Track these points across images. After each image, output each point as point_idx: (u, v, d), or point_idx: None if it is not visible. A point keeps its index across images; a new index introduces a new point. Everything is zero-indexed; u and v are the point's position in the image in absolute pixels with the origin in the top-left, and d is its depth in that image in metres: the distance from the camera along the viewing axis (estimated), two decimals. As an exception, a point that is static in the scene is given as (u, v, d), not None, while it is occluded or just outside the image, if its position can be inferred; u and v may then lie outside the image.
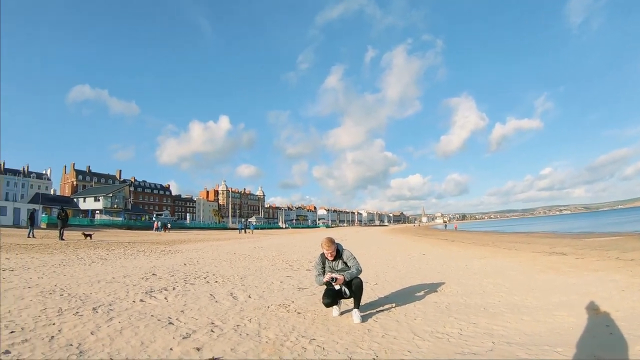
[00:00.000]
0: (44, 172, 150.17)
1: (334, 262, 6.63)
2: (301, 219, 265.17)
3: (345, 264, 6.59)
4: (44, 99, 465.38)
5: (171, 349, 4.88)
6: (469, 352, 4.77)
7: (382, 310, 7.14)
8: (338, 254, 6.60)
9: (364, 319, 6.43)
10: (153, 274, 11.68)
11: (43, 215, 62.61)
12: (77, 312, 6.60)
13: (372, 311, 7.09)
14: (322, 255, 6.72)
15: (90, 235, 32.06)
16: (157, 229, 76.57)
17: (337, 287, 6.46)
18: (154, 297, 8.23)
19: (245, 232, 76.64)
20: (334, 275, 6.38)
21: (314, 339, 5.38)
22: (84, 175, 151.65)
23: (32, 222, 32.67)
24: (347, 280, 6.43)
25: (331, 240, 6.51)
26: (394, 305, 7.57)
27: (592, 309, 6.77)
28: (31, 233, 31.02)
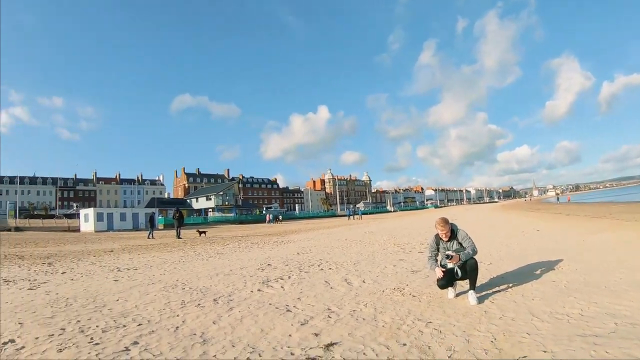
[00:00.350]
0: (157, 178, 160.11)
1: (448, 243, 6.50)
2: (409, 201, 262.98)
3: (460, 244, 6.45)
4: (150, 111, 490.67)
5: (290, 335, 5.04)
6: (591, 334, 4.54)
7: (499, 291, 6.93)
8: (453, 234, 6.46)
9: (480, 300, 6.28)
10: (268, 265, 12.04)
11: (160, 217, 66.05)
12: (199, 304, 6.99)
13: (488, 292, 6.92)
14: (436, 236, 6.60)
15: (204, 232, 33.40)
16: (269, 221, 78.75)
17: (450, 265, 6.36)
18: (271, 286, 8.51)
19: (354, 217, 77.02)
20: (448, 252, 6.32)
21: (430, 322, 5.35)
22: (194, 177, 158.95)
23: (152, 224, 34.67)
24: (463, 260, 6.31)
25: (445, 220, 6.39)
26: (510, 285, 7.33)
27: None
28: (151, 234, 32.73)
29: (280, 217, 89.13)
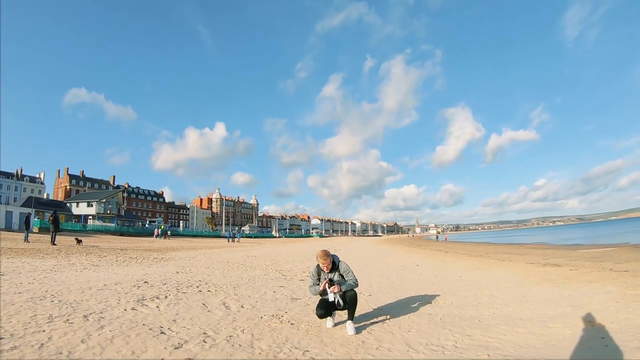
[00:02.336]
0: (37, 175, 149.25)
1: (329, 274, 6.57)
2: (295, 228, 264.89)
3: (342, 276, 6.55)
4: (40, 100, 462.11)
5: (163, 359, 4.82)
6: (464, 366, 4.74)
7: (376, 322, 7.10)
8: (334, 266, 6.57)
9: (357, 330, 6.38)
10: (145, 282, 11.56)
11: (35, 219, 62.19)
12: (68, 320, 6.50)
13: (366, 323, 7.05)
14: (318, 266, 6.65)
15: (81, 241, 31.94)
16: (157, 235, 76.92)
17: (331, 295, 6.39)
18: (146, 305, 8.14)
19: (233, 240, 77.29)
20: (331, 278, 6.38)
21: (307, 351, 5.33)
22: (77, 180, 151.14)
23: (28, 226, 32.63)
24: (343, 290, 6.38)
25: (327, 253, 6.46)
26: (388, 316, 7.54)
27: (587, 320, 6.77)
28: (27, 237, 30.82)
29: (169, 233, 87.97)
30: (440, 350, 5.42)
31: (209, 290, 10.51)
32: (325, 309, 6.49)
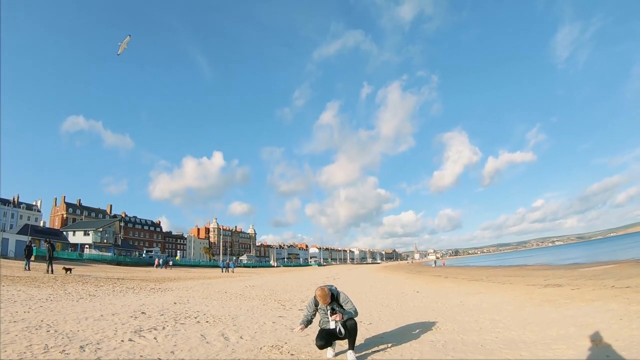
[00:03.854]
0: (34, 203, 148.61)
1: (328, 307, 6.52)
2: (293, 257, 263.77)
3: (341, 306, 6.51)
4: (38, 127, 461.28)
5: (161, 391, 4.73)
6: (469, 392, 4.66)
7: (377, 351, 7.04)
8: (333, 297, 6.52)
9: (359, 360, 6.28)
10: (142, 313, 11.44)
11: (33, 247, 62.05)
12: (64, 350, 6.40)
13: (367, 352, 7.00)
14: (316, 297, 6.59)
15: (70, 270, 31.33)
16: (158, 265, 76.74)
17: (332, 323, 6.36)
18: (143, 336, 8.03)
19: (227, 271, 76.53)
20: (334, 313, 6.34)
21: (308, 382, 5.25)
22: (74, 209, 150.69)
23: (29, 254, 32.43)
24: (345, 318, 6.35)
25: (325, 292, 6.42)
26: (389, 345, 7.48)
27: (591, 340, 6.74)
28: (27, 265, 30.74)
29: (171, 263, 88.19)
30: (443, 377, 5.34)
31: (207, 321, 10.39)
32: (325, 339, 6.44)
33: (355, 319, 6.51)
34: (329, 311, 6.42)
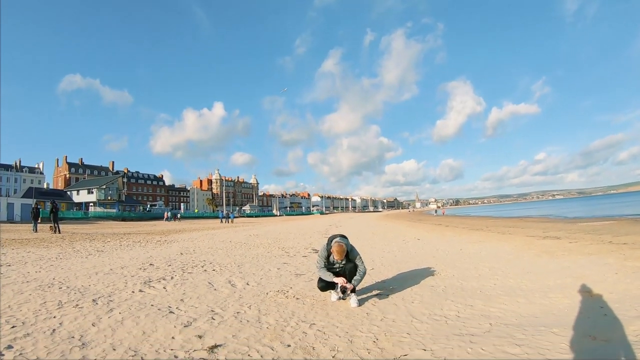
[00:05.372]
0: (36, 166, 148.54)
1: (342, 261, 6.56)
2: (295, 206, 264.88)
3: (351, 261, 6.56)
4: (34, 89, 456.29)
5: (173, 337, 4.93)
6: (467, 334, 4.86)
7: (380, 295, 7.22)
8: (347, 255, 6.54)
9: (362, 303, 6.52)
10: (150, 264, 11.68)
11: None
12: (77, 305, 6.60)
13: (369, 295, 7.19)
14: (328, 248, 6.60)
15: (56, 228, 30.63)
16: (167, 218, 78.29)
17: (334, 295, 6.72)
18: (153, 287, 8.26)
19: (226, 221, 75.64)
20: (343, 284, 6.42)
21: (313, 324, 5.45)
22: (76, 168, 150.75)
23: (37, 216, 32.69)
24: (355, 285, 6.46)
25: (343, 249, 6.38)
26: (391, 289, 7.66)
27: (586, 291, 6.87)
28: (35, 227, 31.07)
29: (179, 216, 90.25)
30: (443, 320, 5.54)
31: (213, 270, 10.61)
32: (326, 282, 6.58)
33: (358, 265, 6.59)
34: (340, 269, 6.51)
